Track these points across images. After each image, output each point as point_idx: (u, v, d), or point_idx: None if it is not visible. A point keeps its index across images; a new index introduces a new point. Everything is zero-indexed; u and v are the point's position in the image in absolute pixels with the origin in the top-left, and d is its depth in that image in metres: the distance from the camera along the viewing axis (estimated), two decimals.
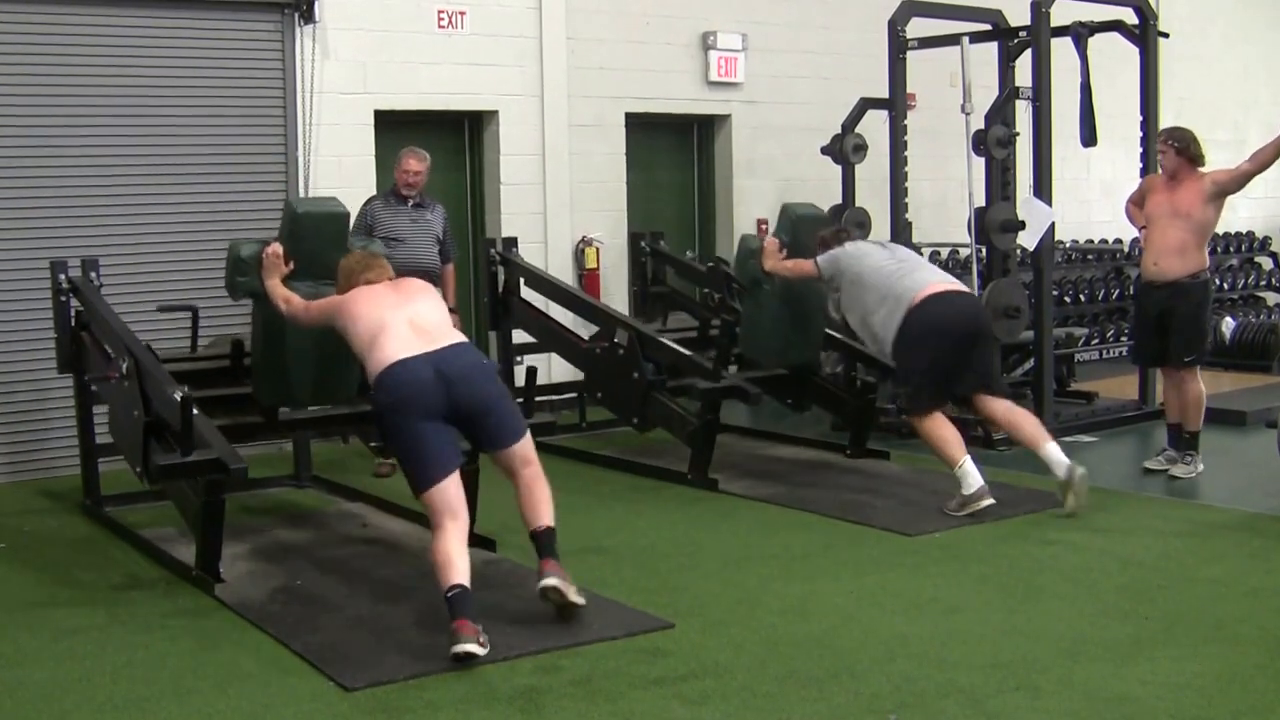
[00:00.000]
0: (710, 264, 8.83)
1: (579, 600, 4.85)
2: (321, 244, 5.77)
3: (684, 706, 4.13)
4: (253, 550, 6.00)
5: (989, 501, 6.35)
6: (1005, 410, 6.61)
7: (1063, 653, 4.53)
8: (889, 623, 4.90)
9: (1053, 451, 6.41)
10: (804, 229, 7.43)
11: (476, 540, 5.75)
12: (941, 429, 6.51)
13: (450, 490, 4.81)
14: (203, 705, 4.21)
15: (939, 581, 5.40)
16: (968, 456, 6.43)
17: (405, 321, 5.02)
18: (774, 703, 4.15)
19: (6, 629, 5.00)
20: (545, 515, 4.99)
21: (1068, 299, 11.55)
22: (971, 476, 6.36)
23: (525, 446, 5.06)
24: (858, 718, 4.05)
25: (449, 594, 4.58)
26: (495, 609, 4.90)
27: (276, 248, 5.69)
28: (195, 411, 5.26)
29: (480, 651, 4.47)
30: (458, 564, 4.65)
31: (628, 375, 7.40)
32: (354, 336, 5.10)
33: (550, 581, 4.81)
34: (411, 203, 7.80)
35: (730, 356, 7.55)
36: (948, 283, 6.77)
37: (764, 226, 10.51)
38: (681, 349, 7.44)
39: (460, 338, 5.10)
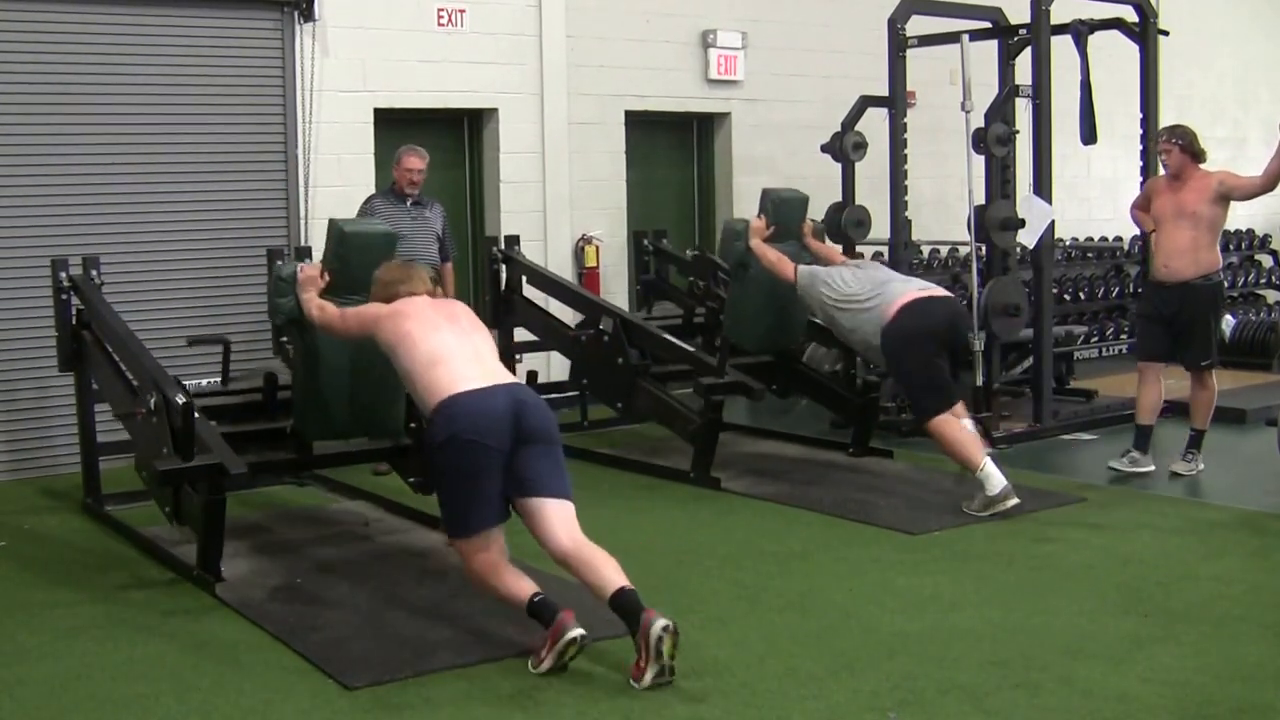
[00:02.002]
0: (695, 252, 8.85)
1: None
2: (367, 266, 5.45)
3: (684, 704, 4.13)
4: (253, 549, 6.00)
5: (1014, 501, 6.30)
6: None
7: (1063, 650, 4.54)
8: (889, 620, 4.90)
9: (989, 469, 6.37)
10: (785, 211, 7.59)
11: None
12: (957, 432, 6.48)
13: (496, 535, 4.56)
14: (203, 704, 4.22)
15: (939, 579, 5.41)
16: (988, 458, 6.39)
17: (468, 356, 4.71)
18: (774, 700, 4.15)
19: (6, 627, 5.01)
20: (617, 575, 4.48)
21: (1067, 297, 11.54)
22: (995, 478, 6.31)
23: (569, 510, 4.63)
24: (857, 715, 4.05)
25: (535, 598, 4.44)
26: (496, 609, 4.89)
27: (312, 265, 5.58)
28: (196, 415, 5.27)
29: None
30: (524, 581, 4.51)
31: (613, 362, 7.45)
32: (407, 360, 4.75)
33: (664, 622, 4.27)
34: (411, 201, 7.80)
35: (715, 343, 7.70)
36: (927, 289, 6.84)
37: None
38: (675, 340, 7.52)
39: (514, 378, 4.84)
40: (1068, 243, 12.13)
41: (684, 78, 10.14)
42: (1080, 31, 8.50)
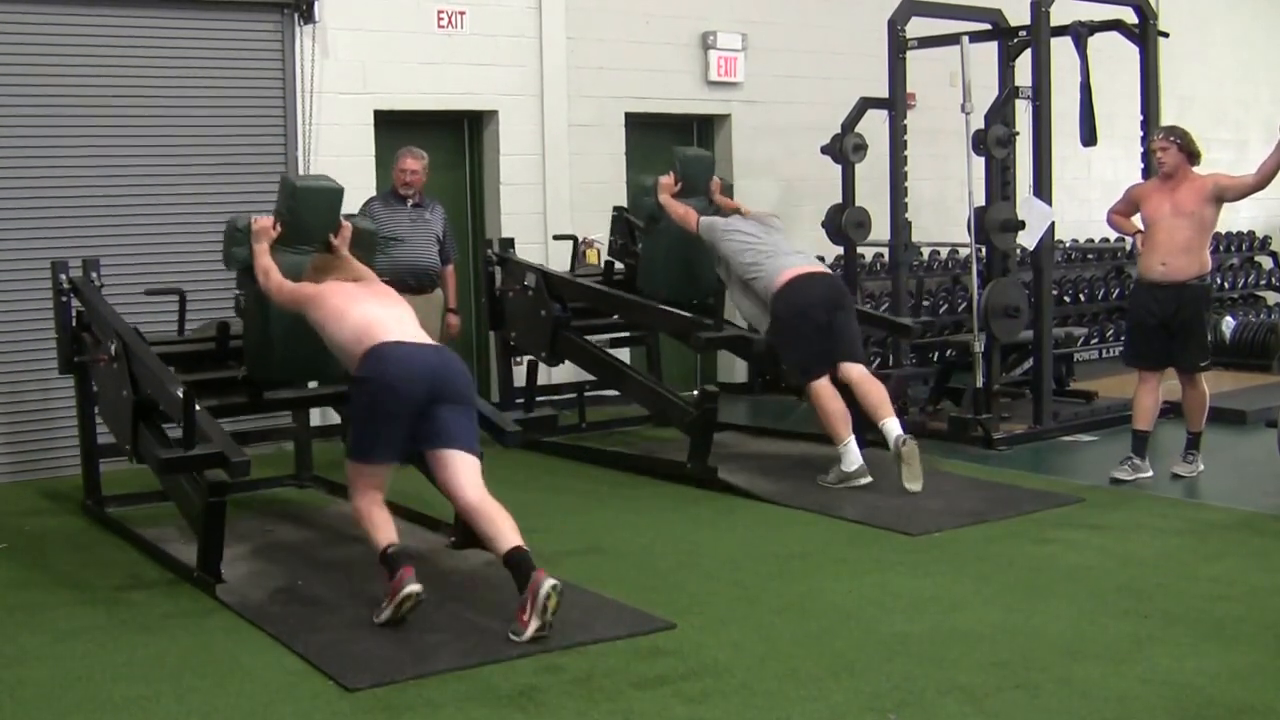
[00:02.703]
0: (615, 212, 8.92)
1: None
2: (317, 219, 5.89)
3: (684, 705, 4.14)
4: (253, 550, 6.00)
5: (866, 480, 6.82)
6: (859, 375, 7.02)
7: (1062, 651, 4.54)
8: (888, 621, 4.90)
9: (890, 425, 6.82)
10: (692, 168, 7.90)
11: (476, 541, 5.76)
12: (830, 402, 6.91)
13: (386, 472, 5.01)
14: (202, 705, 4.22)
15: (939, 580, 5.41)
16: (852, 436, 6.88)
17: (394, 320, 5.15)
18: (774, 701, 4.15)
19: (7, 629, 5.01)
20: (514, 534, 4.80)
21: (1067, 298, 11.55)
22: (852, 454, 6.85)
23: (476, 464, 5.01)
24: (857, 716, 4.05)
25: (390, 550, 4.83)
26: (497, 608, 4.90)
27: (265, 219, 5.81)
28: (197, 406, 5.31)
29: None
30: (389, 523, 4.95)
31: (536, 314, 7.92)
32: (334, 329, 5.16)
33: (553, 582, 4.64)
34: (411, 203, 7.80)
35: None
36: (807, 265, 7.24)
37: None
38: (631, 296, 7.93)
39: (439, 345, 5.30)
40: (1067, 244, 12.14)
41: (684, 80, 10.15)
42: (1080, 33, 8.51)
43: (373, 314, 5.15)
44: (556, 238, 9.16)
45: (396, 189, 7.81)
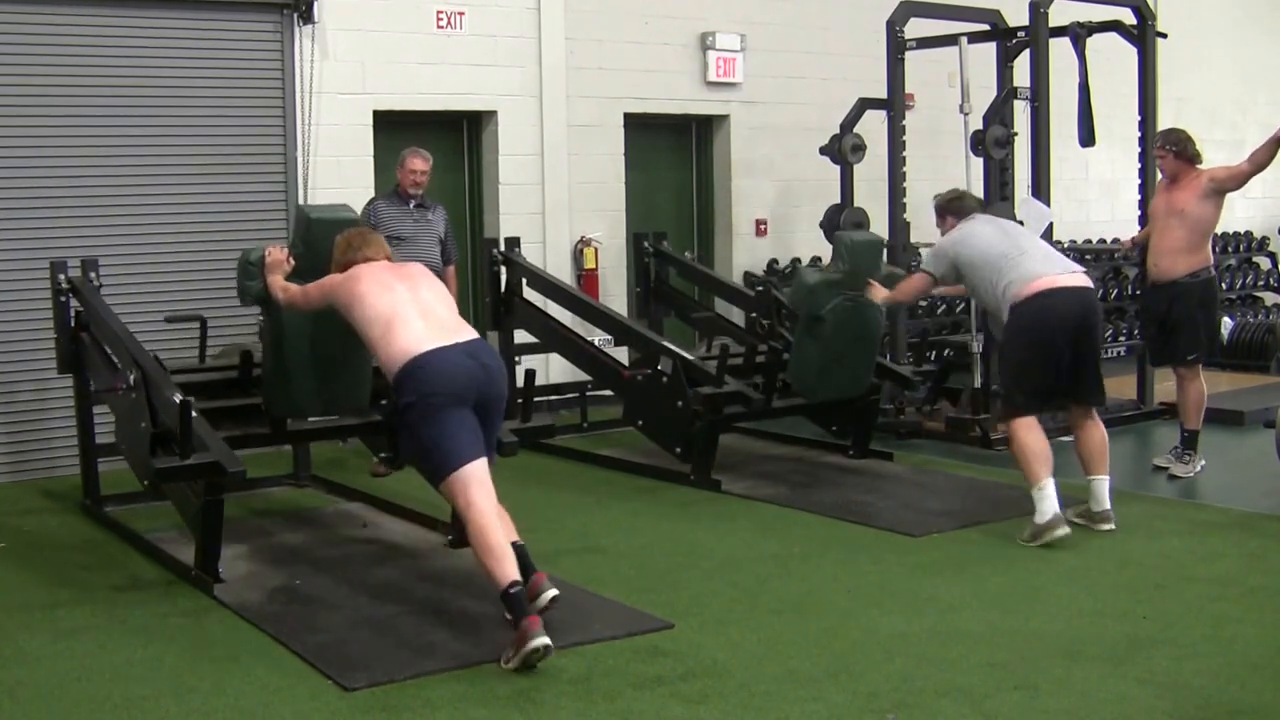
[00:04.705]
0: (759, 288, 8.54)
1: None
2: (331, 251, 5.60)
3: (682, 705, 4.14)
4: (252, 550, 6.00)
5: (1063, 532, 5.84)
6: (1087, 420, 6.16)
7: (1061, 652, 4.54)
8: (888, 622, 4.90)
9: (1099, 487, 6.13)
10: (861, 259, 7.03)
11: None
12: (1032, 440, 6.00)
13: (479, 469, 4.71)
14: (202, 705, 4.22)
15: (937, 581, 5.41)
16: (1051, 479, 5.93)
17: (419, 313, 4.90)
18: (772, 702, 4.15)
19: (6, 629, 5.00)
20: (512, 533, 4.81)
21: None
22: (1047, 502, 5.88)
23: (487, 468, 4.86)
24: (856, 717, 4.05)
25: (511, 590, 4.46)
26: (495, 610, 4.89)
27: (278, 249, 5.66)
28: (194, 414, 5.28)
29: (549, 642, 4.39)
30: (509, 554, 4.57)
31: (672, 403, 7.15)
32: (362, 321, 4.94)
33: (553, 593, 4.67)
34: (414, 203, 7.80)
35: (777, 383, 7.32)
36: (1062, 273, 6.12)
37: (763, 226, 10.55)
38: (686, 354, 7.36)
39: (475, 333, 5.01)
40: (1066, 245, 12.13)
41: (683, 80, 10.15)
42: (1078, 34, 8.51)
43: (400, 305, 4.90)
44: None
45: (403, 189, 7.80)
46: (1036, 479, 5.92)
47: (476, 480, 4.70)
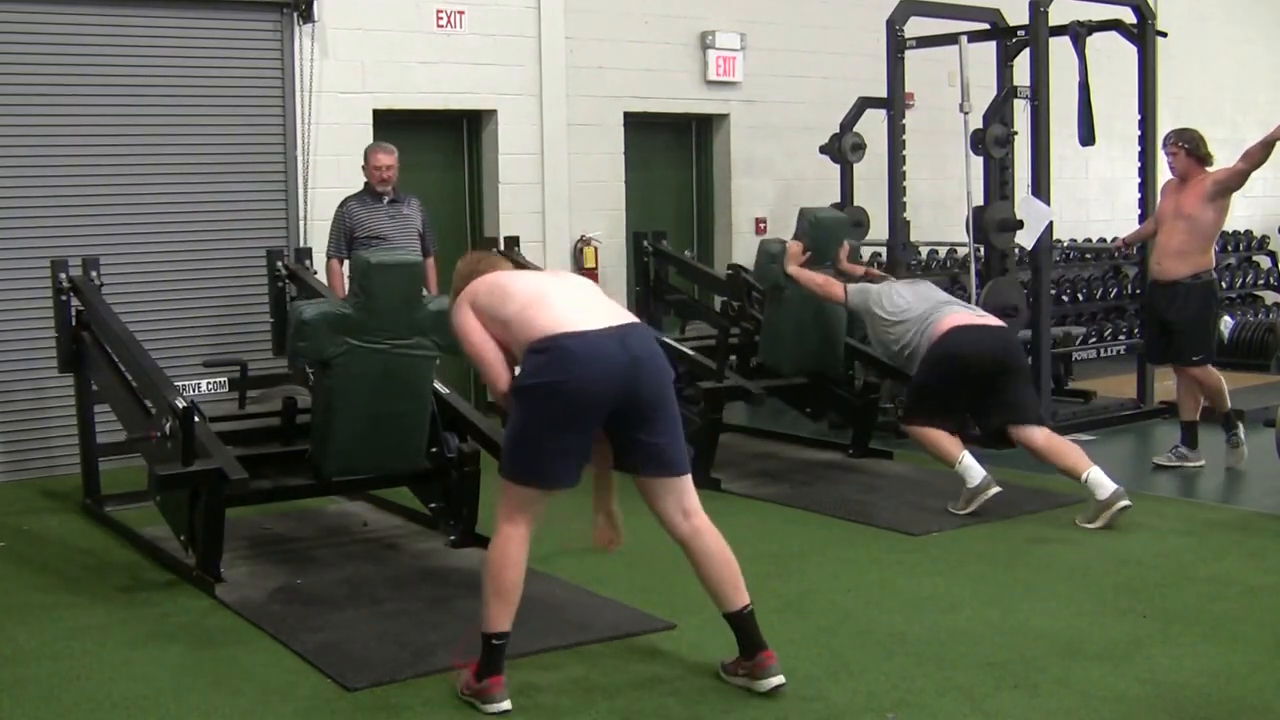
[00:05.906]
0: (730, 271, 8.58)
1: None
2: (394, 300, 5.45)
3: (682, 705, 4.14)
4: (253, 550, 6.00)
5: (995, 490, 6.29)
6: (1044, 438, 6.38)
7: (1060, 651, 4.54)
8: (887, 621, 4.91)
9: (1096, 475, 6.20)
10: (824, 233, 7.34)
11: (476, 541, 5.77)
12: (932, 431, 6.44)
13: (543, 504, 4.15)
14: (202, 704, 4.22)
15: (937, 580, 5.41)
16: (965, 451, 6.39)
17: (566, 290, 4.25)
18: (772, 701, 4.15)
19: (6, 628, 5.01)
20: (739, 589, 4.24)
21: (1065, 298, 11.55)
22: (973, 470, 6.33)
23: (688, 485, 4.30)
24: (856, 716, 4.06)
25: (496, 639, 4.06)
26: None
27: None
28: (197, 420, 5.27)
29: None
30: (515, 600, 4.09)
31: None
32: (501, 308, 4.20)
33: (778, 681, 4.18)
34: (387, 199, 7.76)
35: (751, 364, 7.45)
36: (973, 315, 6.66)
37: (762, 225, 10.54)
38: (686, 349, 7.39)
39: (632, 318, 4.30)
40: (1066, 244, 12.14)
41: (683, 79, 10.14)
42: (1078, 33, 8.51)
43: (542, 286, 4.29)
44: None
45: (371, 187, 7.76)
46: (952, 457, 6.39)
47: (539, 509, 4.15)
